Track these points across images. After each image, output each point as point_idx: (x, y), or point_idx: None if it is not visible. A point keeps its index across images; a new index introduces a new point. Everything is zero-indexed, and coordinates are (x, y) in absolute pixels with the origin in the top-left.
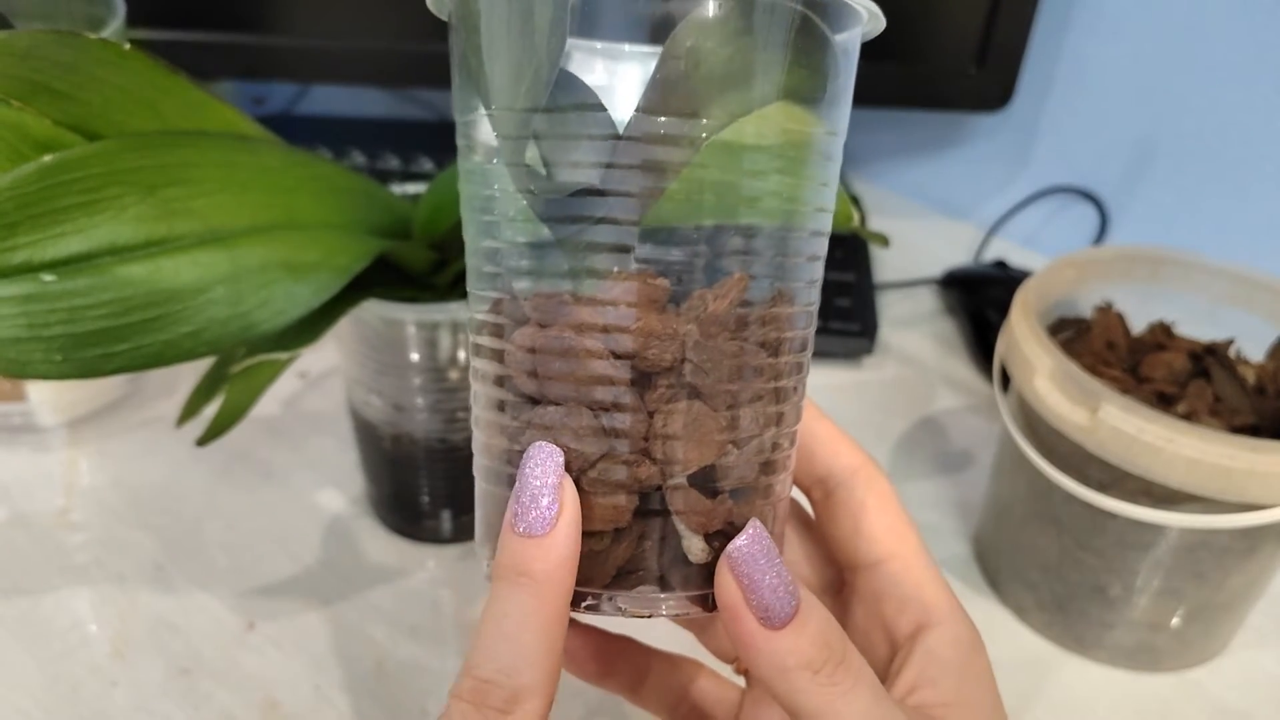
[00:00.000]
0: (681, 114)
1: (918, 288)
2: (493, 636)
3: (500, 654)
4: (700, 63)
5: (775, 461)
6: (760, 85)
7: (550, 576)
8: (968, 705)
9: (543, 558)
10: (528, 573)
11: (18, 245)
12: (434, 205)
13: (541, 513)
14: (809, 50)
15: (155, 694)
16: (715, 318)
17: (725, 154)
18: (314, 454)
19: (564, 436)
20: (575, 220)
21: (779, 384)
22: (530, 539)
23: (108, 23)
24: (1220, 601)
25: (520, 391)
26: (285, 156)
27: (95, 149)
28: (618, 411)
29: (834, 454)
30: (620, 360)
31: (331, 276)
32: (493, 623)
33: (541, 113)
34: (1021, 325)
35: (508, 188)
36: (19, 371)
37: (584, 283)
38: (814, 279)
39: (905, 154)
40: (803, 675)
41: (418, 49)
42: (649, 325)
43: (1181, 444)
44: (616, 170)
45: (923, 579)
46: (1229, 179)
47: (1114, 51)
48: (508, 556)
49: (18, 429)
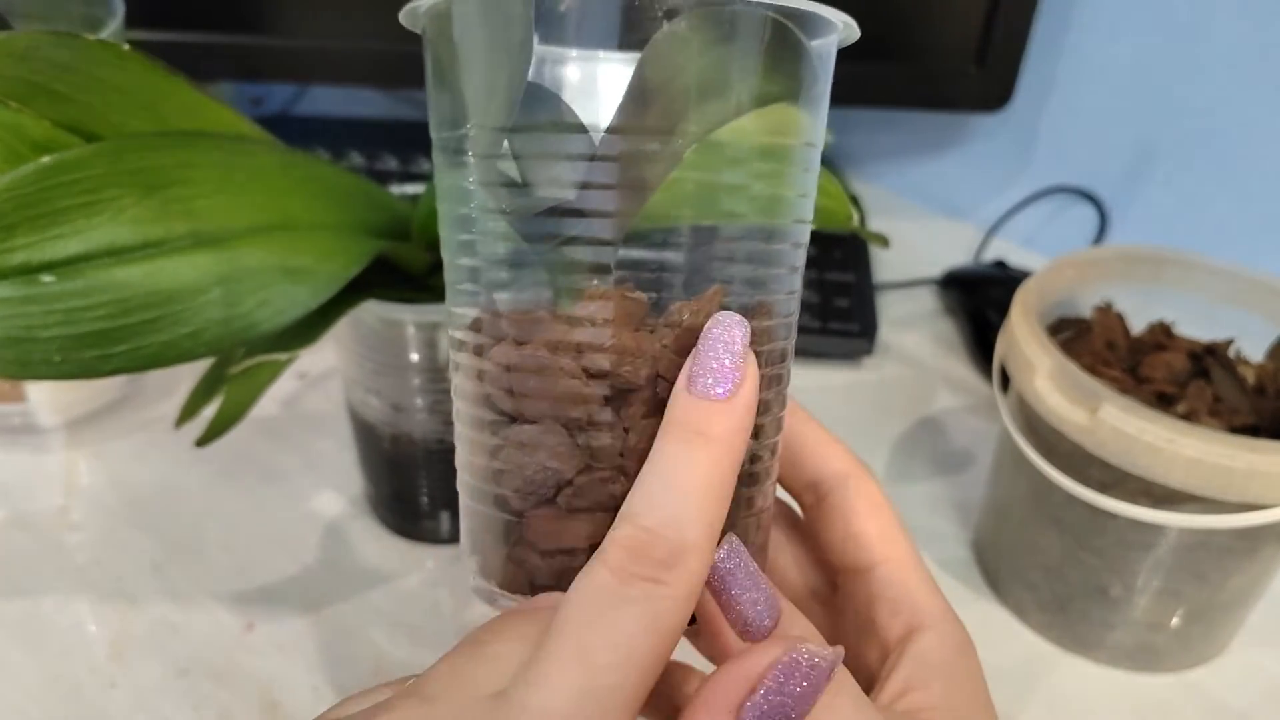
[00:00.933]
0: (658, 129)
1: (917, 288)
2: (660, 487)
3: (668, 503)
4: (676, 75)
5: (755, 474)
6: (736, 95)
7: (728, 439)
8: (958, 708)
9: (724, 419)
10: (705, 432)
11: (16, 246)
12: (432, 206)
13: (727, 371)
14: (784, 58)
15: (155, 694)
16: (691, 333)
17: (704, 164)
18: (313, 454)
19: (540, 454)
20: (552, 238)
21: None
22: (709, 399)
23: (106, 24)
24: (1220, 601)
25: (498, 409)
26: (284, 157)
27: (94, 150)
28: (593, 429)
29: (824, 459)
30: (594, 379)
31: (330, 277)
32: (659, 475)
33: (514, 131)
34: (1021, 325)
35: (484, 205)
36: (18, 372)
37: (561, 300)
38: (793, 290)
39: (905, 154)
40: None
41: (416, 50)
42: (623, 343)
43: (1181, 444)
44: (592, 188)
45: (913, 583)
46: (1229, 179)
47: (1114, 51)
48: (682, 413)
49: (17, 429)
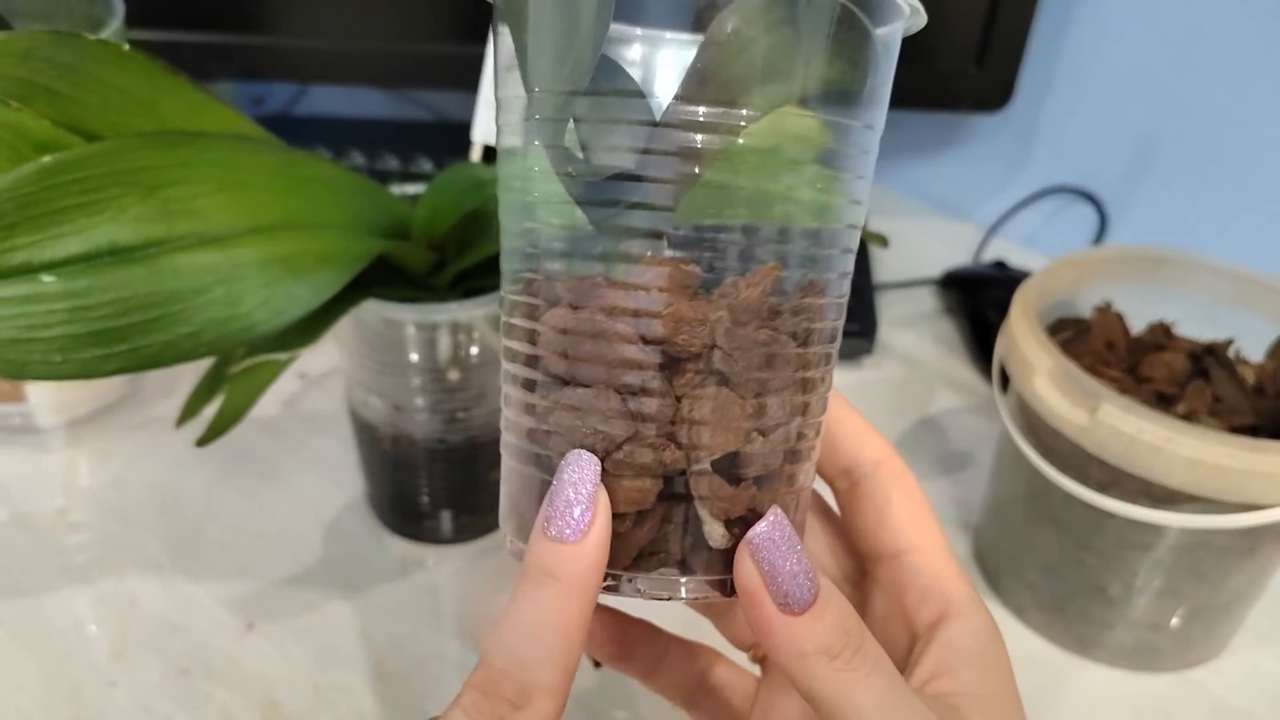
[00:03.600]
0: (720, 102)
1: (917, 288)
2: (512, 630)
3: (517, 647)
4: (741, 52)
5: (800, 451)
6: (800, 76)
7: (575, 581)
8: (986, 695)
9: (572, 563)
10: (554, 574)
11: (17, 246)
12: (433, 206)
13: (574, 521)
14: (850, 43)
15: (155, 694)
16: (746, 305)
17: (763, 146)
18: (314, 454)
19: (592, 418)
20: (610, 204)
21: (807, 374)
22: (561, 544)
23: (107, 23)
24: (1220, 601)
25: (550, 372)
26: (284, 157)
27: (95, 149)
28: (645, 396)
29: (859, 445)
30: (650, 345)
31: (331, 277)
32: (514, 617)
33: (581, 96)
34: (1021, 325)
35: (546, 168)
36: (18, 372)
37: (617, 266)
38: (845, 271)
39: (905, 154)
40: (820, 661)
41: (417, 49)
42: (679, 311)
43: (1181, 444)
44: (652, 156)
45: (944, 571)
46: (1229, 179)
47: (1114, 51)
48: (536, 557)
49: (17, 429)
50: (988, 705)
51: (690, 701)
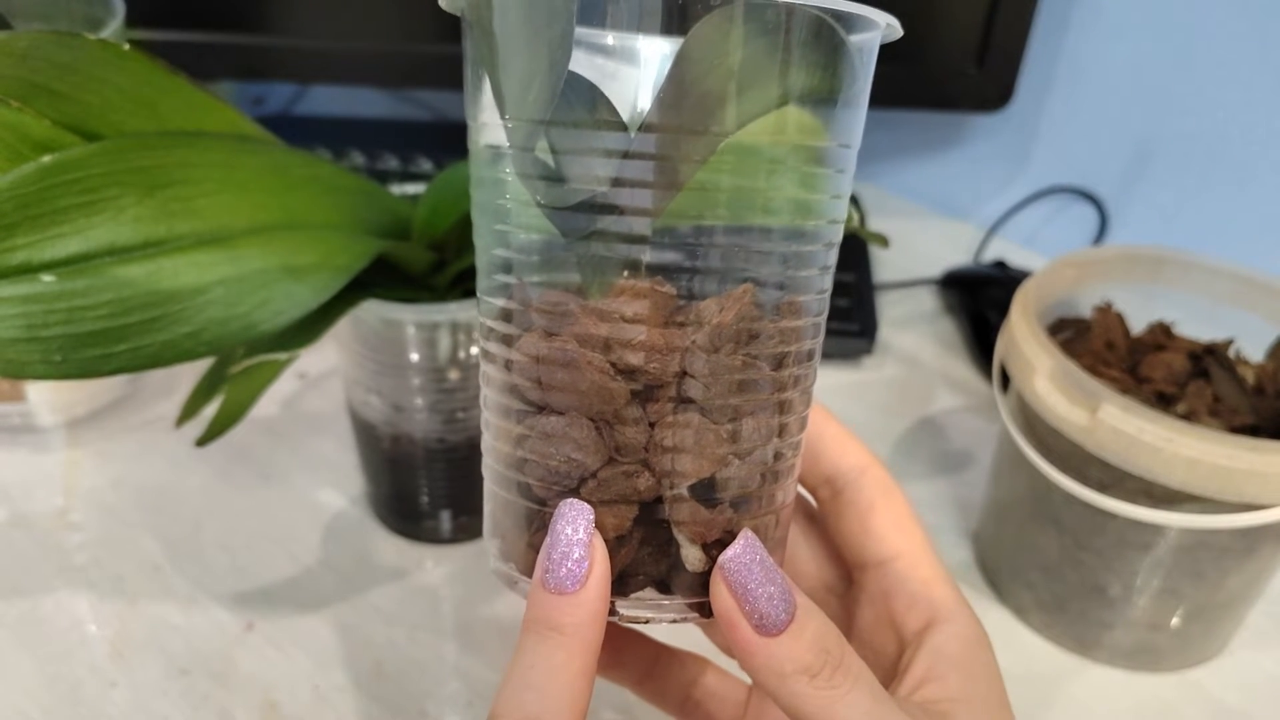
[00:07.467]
0: (694, 125)
1: (917, 288)
2: (519, 685)
3: (526, 703)
4: (716, 65)
5: (779, 471)
6: (775, 90)
7: (578, 632)
8: (974, 700)
9: (572, 613)
10: (557, 627)
11: (16, 246)
12: (433, 206)
13: (571, 569)
14: (825, 54)
15: (154, 694)
16: (719, 331)
17: (739, 164)
18: (313, 454)
19: (565, 446)
20: (584, 231)
21: (783, 396)
22: (561, 595)
23: (107, 23)
24: (1220, 601)
25: (525, 399)
26: (284, 157)
27: (94, 149)
28: (619, 424)
29: (841, 454)
30: (623, 374)
31: (331, 277)
32: (520, 672)
33: (551, 124)
34: (1021, 325)
35: (519, 196)
36: (18, 372)
37: (591, 293)
38: (824, 289)
39: (905, 154)
40: (800, 680)
41: (417, 50)
42: (651, 339)
43: (1181, 444)
44: (626, 183)
45: (930, 576)
46: (1229, 179)
47: (1114, 51)
48: (538, 610)
49: (17, 429)
50: (976, 710)
51: (682, 709)
